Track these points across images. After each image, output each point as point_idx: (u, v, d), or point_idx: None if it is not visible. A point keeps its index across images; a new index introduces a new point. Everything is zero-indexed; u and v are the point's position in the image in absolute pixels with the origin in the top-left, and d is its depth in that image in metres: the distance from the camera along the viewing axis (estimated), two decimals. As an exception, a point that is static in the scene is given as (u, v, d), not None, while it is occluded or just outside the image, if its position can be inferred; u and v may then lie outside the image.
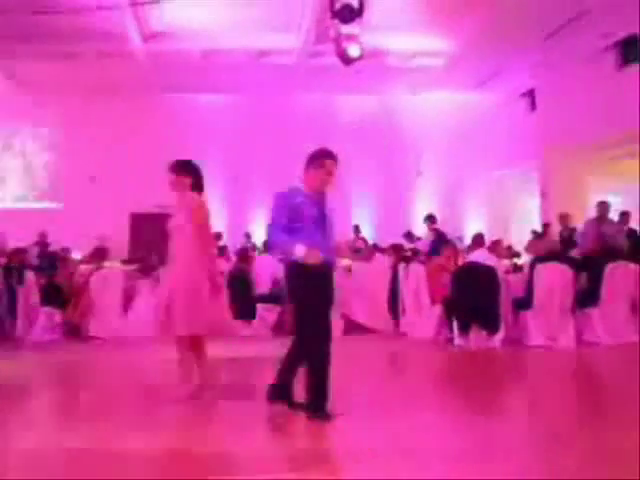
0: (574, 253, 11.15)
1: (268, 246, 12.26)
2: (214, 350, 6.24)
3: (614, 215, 12.69)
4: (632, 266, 9.59)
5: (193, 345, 5.91)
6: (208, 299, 5.78)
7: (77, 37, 14.61)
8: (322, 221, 5.30)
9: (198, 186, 6.02)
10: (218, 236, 16.48)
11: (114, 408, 5.92)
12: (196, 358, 5.97)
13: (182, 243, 5.83)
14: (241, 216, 18.93)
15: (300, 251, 5.01)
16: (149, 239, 13.66)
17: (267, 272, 11.55)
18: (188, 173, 5.98)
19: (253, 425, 5.10)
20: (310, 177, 5.35)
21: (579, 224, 13.68)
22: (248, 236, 17.34)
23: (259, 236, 17.48)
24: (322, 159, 5.33)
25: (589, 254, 10.31)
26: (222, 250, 14.09)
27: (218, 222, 18.53)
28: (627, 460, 4.13)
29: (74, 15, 13.46)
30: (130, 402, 6.21)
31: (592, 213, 12.61)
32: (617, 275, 9.42)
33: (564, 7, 13.29)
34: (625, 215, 12.87)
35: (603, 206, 11.18)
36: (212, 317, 5.79)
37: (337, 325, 7.76)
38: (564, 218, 14.05)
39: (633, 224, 13.24)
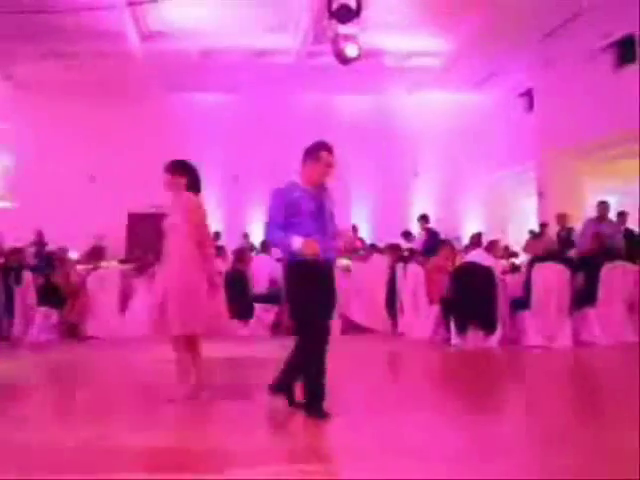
0: (572, 253, 11.17)
1: (266, 244, 12.26)
2: (212, 350, 6.25)
3: (612, 215, 12.71)
4: (629, 266, 9.61)
5: (188, 345, 5.91)
6: (204, 299, 5.76)
7: (74, 37, 14.58)
8: (321, 215, 5.25)
9: (194, 186, 5.99)
10: (216, 235, 16.51)
11: (111, 407, 5.92)
12: (191, 358, 5.96)
13: (177, 242, 5.81)
14: (239, 216, 18.92)
15: (297, 243, 4.98)
16: (146, 239, 13.65)
17: (264, 272, 11.56)
18: (184, 173, 5.96)
19: (250, 424, 5.09)
20: (307, 171, 5.33)
21: (577, 224, 13.73)
22: (246, 236, 17.33)
23: (257, 236, 17.47)
24: (318, 151, 5.29)
25: (587, 254, 10.31)
26: (220, 250, 14.07)
27: (216, 221, 18.54)
28: (626, 460, 4.13)
29: (71, 14, 13.43)
30: (127, 402, 6.21)
31: (590, 213, 12.65)
32: (614, 275, 9.44)
33: (561, 7, 13.31)
34: (622, 215, 12.89)
35: (603, 206, 11.18)
36: (208, 317, 5.77)
37: (335, 325, 7.76)
38: (562, 218, 14.07)
39: (631, 224, 13.28)
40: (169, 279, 5.79)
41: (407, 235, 15.92)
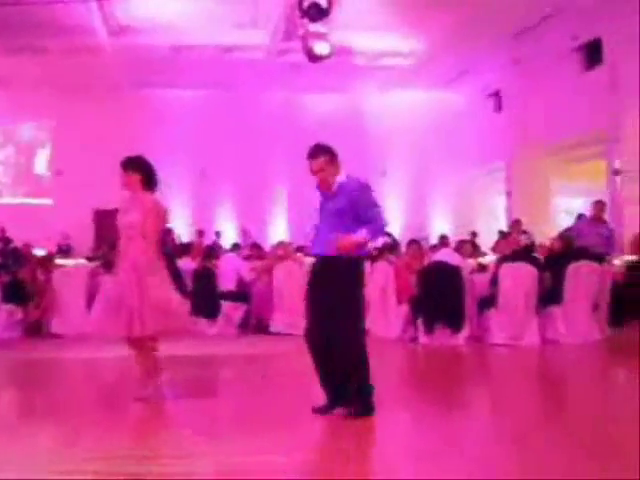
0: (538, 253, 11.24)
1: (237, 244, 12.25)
2: (178, 349, 6.20)
3: (572, 217, 12.80)
4: (594, 266, 9.69)
5: (147, 344, 5.80)
6: (162, 299, 5.63)
7: (43, 31, 14.40)
8: (324, 220, 5.24)
9: (150, 183, 5.83)
10: (200, 233, 16.45)
11: (72, 406, 5.86)
12: (151, 358, 5.85)
13: (134, 242, 5.68)
14: (208, 212, 18.86)
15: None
16: (113, 235, 13.51)
17: (232, 270, 11.47)
18: (138, 170, 5.79)
19: (214, 422, 5.07)
20: None
21: (545, 226, 13.86)
22: (218, 234, 17.23)
23: (230, 234, 17.53)
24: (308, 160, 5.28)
25: (554, 254, 10.38)
26: (188, 247, 14.00)
27: (185, 218, 18.48)
28: (592, 455, 4.18)
29: (40, 8, 13.28)
30: (89, 400, 6.14)
31: (555, 213, 12.72)
32: (580, 274, 9.52)
33: (531, 9, 13.42)
34: (582, 217, 12.98)
35: (599, 206, 11.08)
36: (165, 318, 5.62)
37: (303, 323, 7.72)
38: (516, 224, 13.92)
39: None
40: (126, 280, 5.65)
41: None
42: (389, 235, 15.77)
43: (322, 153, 5.23)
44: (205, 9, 14.15)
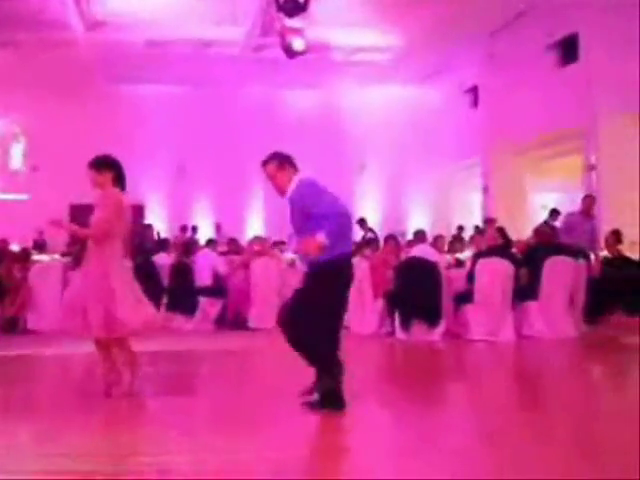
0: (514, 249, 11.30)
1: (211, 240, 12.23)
2: (155, 345, 6.17)
3: (545, 213, 12.85)
4: (570, 261, 9.76)
5: (115, 343, 5.78)
6: (127, 299, 5.60)
7: (18, 25, 14.28)
8: (292, 223, 5.30)
9: (120, 182, 5.83)
10: (183, 229, 16.41)
11: (48, 405, 5.83)
12: (122, 356, 5.84)
13: (98, 240, 5.67)
14: (185, 208, 18.79)
15: None
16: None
17: (208, 265, 11.42)
18: (110, 169, 5.80)
19: (188, 420, 5.06)
20: None
21: (521, 220, 13.92)
22: (195, 229, 17.19)
23: (206, 229, 17.46)
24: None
25: (530, 249, 10.43)
26: (164, 243, 13.93)
27: (163, 213, 18.42)
28: (569, 450, 4.22)
29: (15, 1, 13.17)
30: (65, 398, 6.09)
31: (531, 209, 12.77)
32: (556, 270, 9.58)
33: (507, 5, 13.50)
34: (555, 213, 13.06)
35: (589, 200, 11.10)
36: (129, 317, 5.58)
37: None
38: (490, 223, 14.00)
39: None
40: (91, 279, 5.63)
41: (362, 222, 15.95)
42: (372, 231, 15.87)
43: (271, 159, 5.33)
44: (182, 4, 14.09)
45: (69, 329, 5.94)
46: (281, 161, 5.32)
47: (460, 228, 16.71)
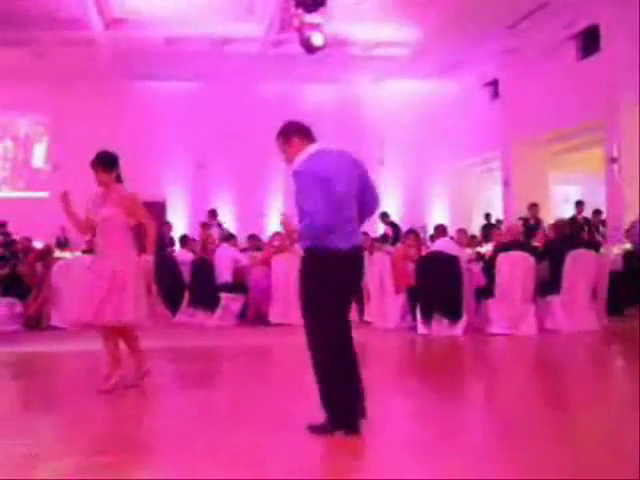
0: (536, 242, 11.27)
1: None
2: (178, 341, 6.20)
3: (570, 205, 12.79)
4: (592, 254, 9.71)
5: (121, 335, 5.91)
6: (138, 291, 5.77)
7: (38, 23, 14.35)
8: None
9: (119, 177, 6.05)
10: (204, 226, 16.37)
11: (69, 401, 5.89)
12: (128, 348, 5.99)
13: (111, 235, 5.82)
14: (205, 204, 18.83)
15: None
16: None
17: (228, 261, 11.45)
18: (115, 167, 6.04)
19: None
20: None
21: (543, 213, 13.87)
22: (220, 225, 17.10)
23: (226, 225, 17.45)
24: None
25: (552, 243, 10.40)
26: (184, 239, 13.96)
27: (181, 209, 18.48)
28: (593, 447, 4.20)
29: (35, 0, 13.25)
30: (87, 394, 6.14)
31: (552, 202, 12.68)
32: (577, 263, 9.52)
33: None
34: (580, 205, 13.01)
35: None
36: (138, 309, 5.74)
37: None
38: (533, 208, 14.14)
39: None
40: (103, 272, 5.74)
41: (384, 217, 15.98)
42: (394, 225, 15.88)
43: (278, 136, 5.06)
44: (200, 1, 14.11)
45: (79, 319, 6.03)
46: (286, 136, 5.04)
47: (488, 215, 16.75)
